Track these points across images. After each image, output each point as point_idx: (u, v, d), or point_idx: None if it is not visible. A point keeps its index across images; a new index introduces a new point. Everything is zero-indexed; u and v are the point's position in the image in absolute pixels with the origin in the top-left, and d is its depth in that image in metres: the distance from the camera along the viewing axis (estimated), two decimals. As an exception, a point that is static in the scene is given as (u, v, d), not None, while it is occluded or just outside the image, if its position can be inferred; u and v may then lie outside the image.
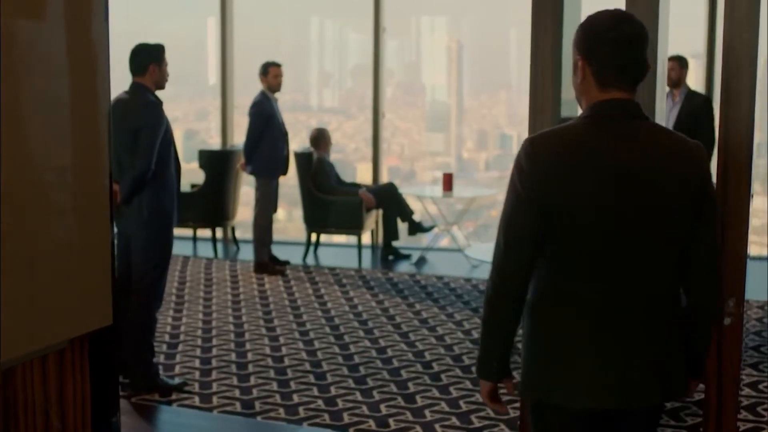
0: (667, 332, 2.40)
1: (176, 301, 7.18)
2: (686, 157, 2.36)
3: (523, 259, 2.33)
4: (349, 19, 12.17)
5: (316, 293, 7.47)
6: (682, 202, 2.34)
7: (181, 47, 11.73)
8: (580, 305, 2.35)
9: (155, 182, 4.94)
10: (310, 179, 8.63)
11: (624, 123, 2.34)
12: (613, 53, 2.33)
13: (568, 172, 2.29)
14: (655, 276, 2.36)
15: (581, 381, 2.36)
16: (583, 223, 2.30)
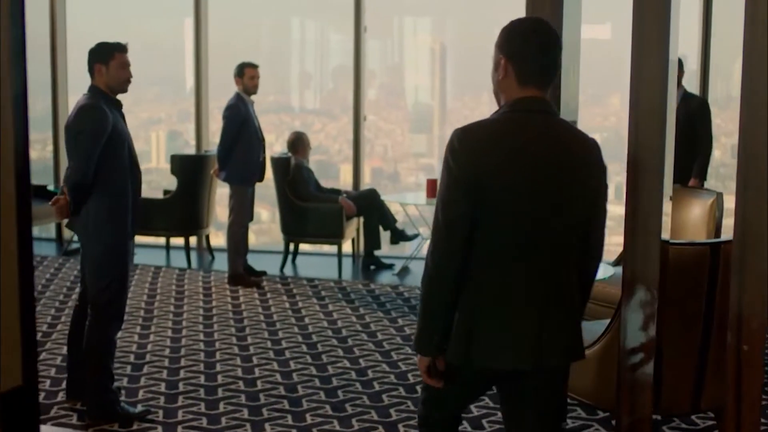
0: (571, 302, 2.71)
1: (144, 316, 6.77)
2: (590, 150, 2.68)
3: (461, 237, 2.57)
4: (330, 19, 11.90)
5: (293, 307, 7.07)
6: (587, 189, 2.66)
7: (161, 48, 11.40)
8: (500, 278, 2.61)
9: (103, 191, 4.52)
10: (287, 186, 8.23)
11: (539, 117, 2.62)
12: (534, 55, 2.61)
13: (492, 159, 2.55)
14: (564, 253, 2.65)
15: (502, 344, 2.63)
16: (503, 204, 2.56)
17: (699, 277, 4.09)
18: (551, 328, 2.65)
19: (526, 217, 2.58)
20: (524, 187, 2.56)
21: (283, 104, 12.15)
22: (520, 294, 2.62)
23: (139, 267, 8.42)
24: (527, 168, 2.56)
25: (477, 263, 2.61)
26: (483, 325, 2.62)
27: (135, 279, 7.94)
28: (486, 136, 2.60)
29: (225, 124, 7.55)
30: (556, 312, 2.66)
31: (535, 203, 2.58)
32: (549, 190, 2.58)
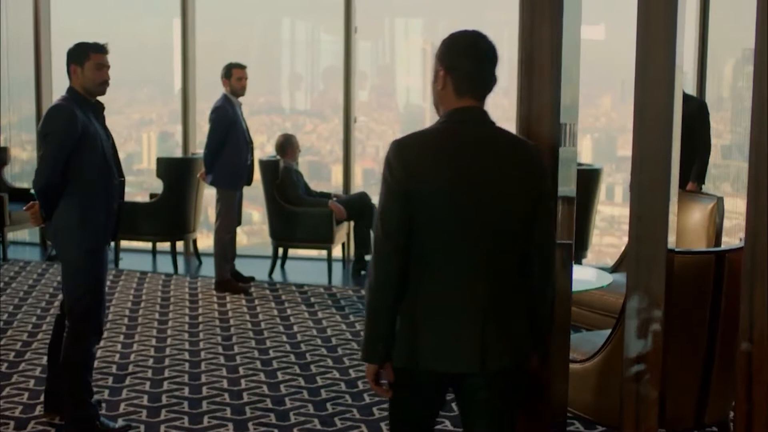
0: (514, 306, 2.74)
1: (128, 324, 6.57)
2: (527, 157, 2.75)
3: (400, 244, 2.65)
4: (321, 20, 11.76)
5: (282, 314, 6.88)
6: (522, 195, 2.71)
7: (152, 48, 11.22)
8: (439, 281, 2.68)
9: (73, 195, 4.32)
10: (276, 189, 8.04)
11: (475, 127, 2.72)
12: (471, 68, 2.71)
13: (424, 168, 2.64)
14: (501, 257, 2.71)
15: (442, 347, 2.68)
16: (437, 211, 2.65)
17: (704, 287, 3.93)
18: (494, 330, 2.70)
19: (460, 222, 2.67)
20: (457, 194, 2.66)
21: (274, 105, 12.04)
22: (460, 297, 2.69)
23: (125, 273, 8.22)
24: (459, 175, 2.66)
25: (417, 268, 2.70)
26: (426, 328, 2.69)
27: (119, 285, 7.74)
28: (420, 146, 2.70)
29: (212, 126, 7.35)
30: (499, 314, 2.72)
31: (468, 209, 2.67)
32: (482, 195, 2.68)
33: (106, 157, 4.41)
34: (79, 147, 4.28)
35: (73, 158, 4.29)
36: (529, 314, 2.80)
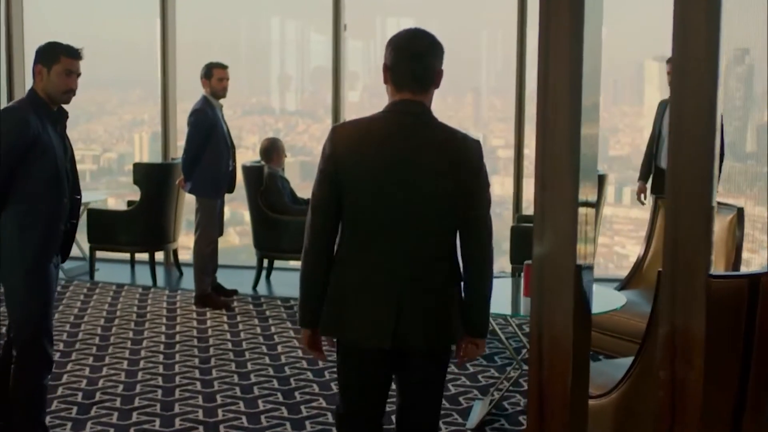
0: (437, 290, 2.91)
1: (99, 344, 6.08)
2: (461, 148, 2.90)
3: (326, 222, 2.90)
4: (311, 19, 11.43)
5: (265, 332, 6.40)
6: (453, 184, 2.86)
7: (143, 49, 10.83)
8: (362, 262, 2.89)
9: (16, 208, 3.84)
10: (260, 197, 7.56)
11: (409, 118, 2.89)
12: (407, 64, 2.89)
13: (356, 155, 2.86)
14: (426, 242, 2.89)
15: (362, 324, 2.88)
16: (363, 196, 2.85)
17: (737, 314, 3.46)
18: (411, 311, 2.88)
19: (385, 206, 2.87)
20: (382, 181, 2.86)
21: (265, 106, 11.78)
22: (380, 276, 2.89)
23: (100, 285, 7.74)
24: (386, 163, 2.86)
25: (344, 246, 2.93)
26: (349, 304, 2.91)
27: (93, 300, 7.26)
28: (352, 134, 2.94)
29: (190, 130, 6.87)
30: (418, 296, 2.90)
31: (392, 195, 2.86)
32: (408, 183, 2.86)
33: (58, 171, 3.92)
34: (27, 157, 3.80)
35: (20, 169, 3.81)
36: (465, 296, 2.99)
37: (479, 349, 3.04)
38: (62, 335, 6.24)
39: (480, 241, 2.97)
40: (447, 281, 2.95)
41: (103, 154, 11.21)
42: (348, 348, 3.00)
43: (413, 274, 2.89)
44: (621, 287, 5.68)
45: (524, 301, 4.85)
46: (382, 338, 2.88)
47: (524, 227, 7.34)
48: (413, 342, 2.91)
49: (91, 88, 11.57)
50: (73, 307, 7.02)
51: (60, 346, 5.98)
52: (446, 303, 2.94)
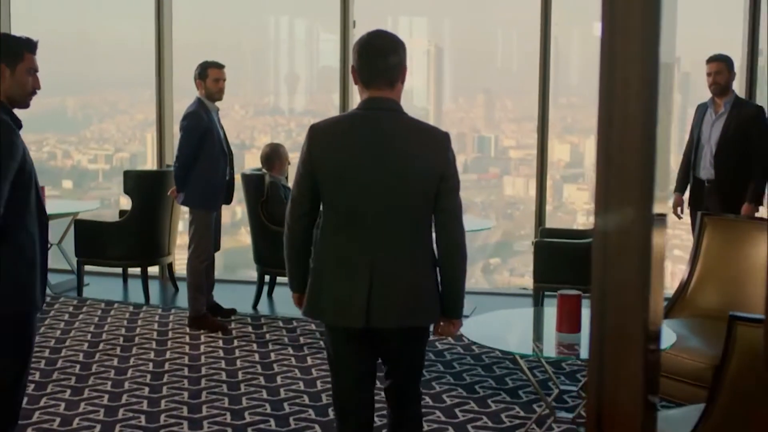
0: (408, 272, 3.13)
1: (80, 373, 5.49)
2: (429, 141, 3.14)
3: (303, 210, 3.19)
4: (319, 17, 11.01)
5: (264, 360, 5.79)
6: (423, 174, 3.10)
7: (149, 49, 10.51)
8: (336, 247, 3.14)
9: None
10: (261, 208, 6.96)
11: (379, 113, 3.13)
12: (367, 62, 3.13)
13: (331, 150, 3.13)
14: (397, 230, 3.11)
15: (336, 305, 3.14)
16: (337, 187, 3.12)
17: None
18: (381, 294, 3.07)
19: (357, 194, 3.07)
20: (356, 169, 3.06)
21: (276, 106, 11.53)
22: (353, 260, 3.09)
23: (88, 303, 7.16)
24: (358, 154, 3.07)
25: (321, 233, 3.14)
26: (326, 288, 3.13)
27: (78, 320, 6.67)
28: (329, 128, 3.17)
29: (183, 135, 6.28)
30: (389, 280, 3.08)
31: (363, 184, 3.06)
32: (378, 173, 3.05)
33: (36, 193, 3.34)
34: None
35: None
36: (440, 279, 3.19)
37: (455, 327, 3.29)
38: (40, 362, 5.65)
39: (450, 225, 3.17)
40: (418, 264, 3.16)
41: (115, 153, 10.99)
42: (328, 326, 3.27)
43: (384, 257, 3.10)
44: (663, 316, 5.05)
45: (554, 337, 4.23)
46: (355, 319, 3.10)
47: (549, 243, 6.73)
48: (384, 322, 3.12)
49: (104, 88, 11.27)
50: (55, 329, 6.43)
51: (36, 376, 5.39)
52: (417, 285, 3.14)
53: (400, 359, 3.29)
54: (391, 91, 3.13)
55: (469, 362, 5.72)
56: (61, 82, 10.00)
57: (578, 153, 10.32)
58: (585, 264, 5.20)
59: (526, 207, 10.33)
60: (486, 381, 5.40)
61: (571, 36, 10.34)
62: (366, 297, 3.07)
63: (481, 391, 5.22)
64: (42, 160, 10.23)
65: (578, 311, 4.12)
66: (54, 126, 11.18)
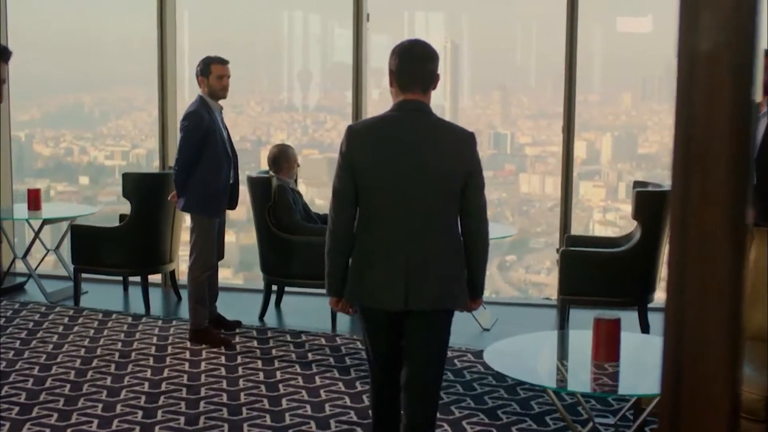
0: (440, 261, 3.43)
1: (69, 393, 5.07)
2: (457, 140, 3.46)
3: (346, 206, 3.45)
4: (332, 12, 10.68)
5: (269, 379, 5.36)
6: (451, 170, 3.41)
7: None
8: (375, 239, 3.44)
9: None
10: (268, 213, 6.52)
11: (413, 114, 3.44)
12: (408, 69, 3.43)
13: (368, 149, 3.41)
14: (431, 218, 3.42)
15: (376, 291, 3.42)
16: (375, 181, 3.40)
17: None
18: (417, 279, 3.39)
19: (392, 189, 3.39)
20: (392, 166, 3.39)
21: (291, 102, 11.23)
22: (393, 251, 3.40)
23: (85, 313, 6.74)
24: (392, 153, 3.39)
25: (360, 225, 3.47)
26: (366, 275, 3.44)
27: (73, 333, 6.26)
28: (366, 129, 3.52)
29: (183, 136, 5.85)
30: (423, 266, 3.40)
31: (398, 180, 3.38)
32: (412, 169, 3.38)
33: None
34: None
35: None
36: (467, 266, 3.50)
37: (476, 304, 3.66)
38: (27, 381, 5.25)
39: (476, 217, 3.50)
40: (448, 253, 3.46)
41: (132, 150, 10.88)
42: (366, 309, 3.52)
43: (418, 247, 3.40)
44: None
45: (589, 367, 3.77)
46: (394, 302, 3.40)
47: (576, 252, 6.27)
48: (419, 305, 3.42)
49: (120, 85, 11.02)
50: (48, 342, 6.02)
51: (22, 397, 4.98)
52: (447, 272, 3.46)
53: (427, 340, 3.52)
54: (424, 95, 3.46)
55: (490, 383, 5.27)
56: (78, 78, 10.15)
57: (594, 150, 10.04)
58: (617, 275, 4.87)
59: (542, 204, 10.19)
60: (509, 405, 4.94)
61: (589, 32, 10.02)
62: (403, 283, 3.37)
63: (505, 417, 4.77)
64: (59, 156, 10.33)
65: (617, 337, 3.66)
66: (71, 122, 11.17)
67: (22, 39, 9.64)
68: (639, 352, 4.22)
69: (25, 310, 6.80)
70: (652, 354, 4.21)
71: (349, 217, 3.44)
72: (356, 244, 3.45)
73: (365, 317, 3.55)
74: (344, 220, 3.44)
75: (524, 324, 6.62)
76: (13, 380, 5.28)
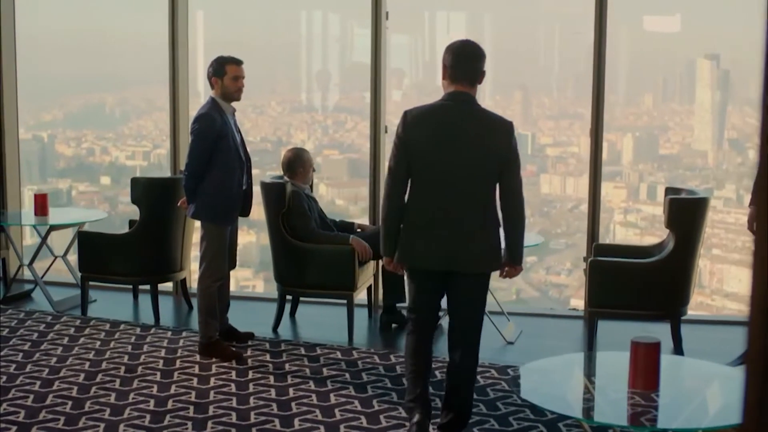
0: (481, 230, 4.06)
1: (70, 412, 4.80)
2: (497, 128, 4.08)
3: (399, 181, 4.10)
4: (352, 11, 10.48)
5: (281, 397, 5.07)
6: (491, 153, 4.04)
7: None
8: (424, 209, 4.07)
9: None
10: (282, 220, 6.24)
11: (461, 104, 4.06)
12: (459, 64, 4.06)
13: (420, 129, 4.04)
14: (472, 194, 4.05)
15: (425, 254, 4.07)
16: (426, 161, 4.04)
17: None
18: (459, 246, 4.03)
19: (440, 168, 4.02)
20: (440, 147, 4.01)
21: (312, 103, 11.15)
22: (438, 220, 4.03)
23: (92, 323, 6.49)
24: (441, 136, 4.01)
25: (412, 197, 4.10)
26: (416, 239, 4.08)
27: (78, 344, 6.00)
28: (421, 115, 4.08)
29: (193, 140, 5.58)
30: (466, 232, 4.03)
31: (446, 159, 4.01)
32: (457, 150, 4.00)
33: None
34: None
35: None
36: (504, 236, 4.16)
37: (517, 271, 4.23)
38: (27, 398, 4.99)
39: (513, 194, 4.09)
40: (486, 224, 4.06)
41: (153, 150, 10.78)
42: (415, 269, 4.17)
43: (460, 219, 4.02)
44: (742, 360, 4.27)
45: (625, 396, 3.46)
46: (440, 264, 4.05)
47: (606, 262, 5.96)
48: (462, 268, 4.07)
49: (141, 85, 10.87)
50: (51, 355, 5.76)
51: (20, 415, 4.73)
52: (486, 240, 4.07)
53: (467, 297, 4.17)
54: (471, 88, 4.09)
55: (515, 402, 4.96)
56: (100, 79, 10.20)
57: (615, 151, 9.85)
58: (649, 286, 4.29)
59: (563, 205, 10.13)
60: (536, 427, 4.64)
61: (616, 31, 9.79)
62: (448, 248, 4.02)
63: (531, 441, 4.47)
64: (81, 157, 10.42)
65: (656, 363, 3.35)
66: (92, 122, 11.13)
67: (44, 39, 9.54)
68: (679, 377, 3.92)
69: (30, 320, 6.55)
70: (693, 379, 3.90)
71: (402, 191, 4.08)
72: (407, 213, 4.09)
73: (412, 276, 4.22)
74: (397, 194, 4.09)
75: (550, 337, 6.33)
76: (12, 396, 5.02)
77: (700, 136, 9.59)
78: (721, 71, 9.28)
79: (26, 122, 10.13)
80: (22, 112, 8.26)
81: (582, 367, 4.29)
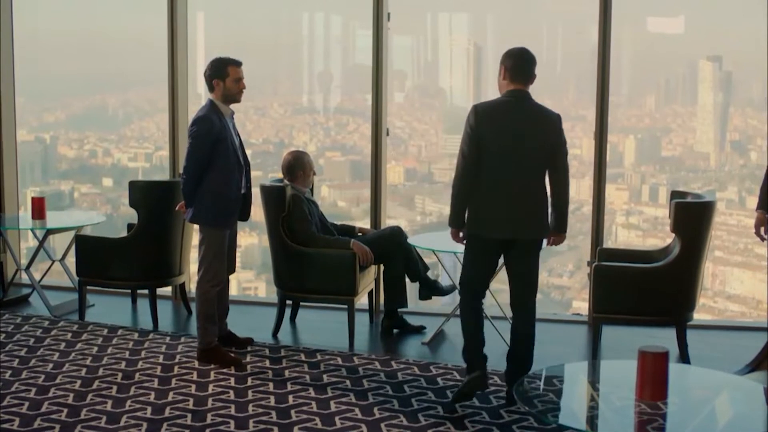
0: (536, 205, 4.85)
1: (65, 420, 4.71)
2: (549, 122, 4.85)
3: (470, 165, 4.78)
4: (353, 12, 10.41)
5: (280, 404, 4.99)
6: (547, 141, 4.82)
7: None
8: (491, 188, 4.79)
9: None
10: (282, 224, 6.15)
11: (519, 101, 4.83)
12: (518, 66, 4.84)
13: (488, 124, 4.77)
14: (529, 176, 4.81)
15: (491, 224, 4.81)
16: (491, 147, 4.75)
17: None
18: (520, 215, 4.81)
19: (504, 154, 4.76)
20: (504, 137, 4.77)
21: (314, 105, 11.04)
22: (502, 195, 4.78)
23: (90, 328, 6.41)
24: (505, 127, 4.77)
25: (480, 178, 4.77)
26: (483, 211, 4.81)
27: (75, 350, 5.91)
28: (487, 108, 4.83)
29: (191, 143, 5.49)
30: (525, 206, 4.82)
31: (509, 147, 4.76)
32: (517, 140, 4.76)
33: None
34: None
35: None
36: (551, 209, 4.89)
37: (561, 238, 5.00)
38: (22, 405, 4.90)
39: (561, 175, 4.88)
40: (540, 199, 4.84)
41: (155, 152, 10.64)
42: (479, 238, 4.86)
43: (520, 194, 4.79)
44: (751, 368, 4.18)
45: (632, 407, 3.37)
46: (503, 232, 4.81)
47: (610, 267, 5.87)
48: (522, 235, 4.84)
49: (143, 86, 10.81)
50: (48, 361, 5.68)
51: (15, 423, 4.64)
52: (538, 213, 4.85)
53: (524, 264, 4.91)
54: (525, 86, 4.83)
55: (518, 410, 4.87)
56: (102, 80, 10.18)
57: (617, 152, 9.78)
58: (654, 292, 4.18)
59: None
60: (540, 436, 4.55)
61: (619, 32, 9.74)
62: (511, 218, 4.78)
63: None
64: (83, 158, 10.42)
65: (664, 373, 3.26)
66: (94, 124, 11.04)
67: (47, 40, 9.49)
68: (687, 387, 3.82)
69: (27, 325, 6.47)
70: (702, 388, 3.82)
71: (474, 173, 4.74)
72: (476, 192, 4.77)
73: (476, 243, 4.88)
74: (468, 175, 4.76)
75: (553, 342, 6.22)
76: (7, 404, 4.93)
77: (702, 138, 9.53)
78: (724, 73, 9.28)
79: (29, 123, 10.08)
80: (25, 113, 8.20)
81: (587, 376, 4.19)
